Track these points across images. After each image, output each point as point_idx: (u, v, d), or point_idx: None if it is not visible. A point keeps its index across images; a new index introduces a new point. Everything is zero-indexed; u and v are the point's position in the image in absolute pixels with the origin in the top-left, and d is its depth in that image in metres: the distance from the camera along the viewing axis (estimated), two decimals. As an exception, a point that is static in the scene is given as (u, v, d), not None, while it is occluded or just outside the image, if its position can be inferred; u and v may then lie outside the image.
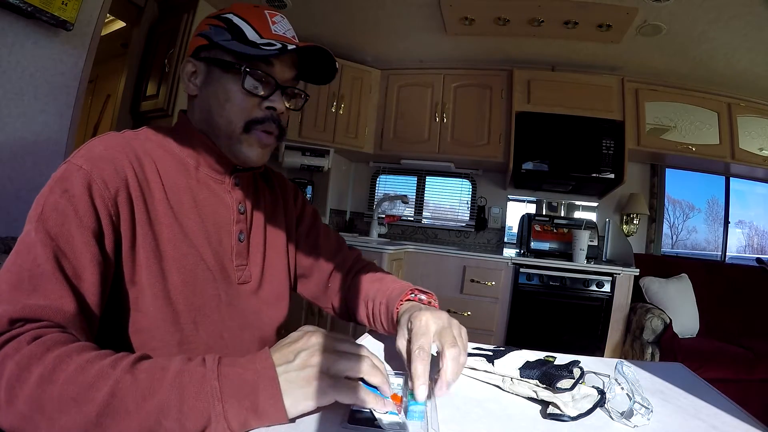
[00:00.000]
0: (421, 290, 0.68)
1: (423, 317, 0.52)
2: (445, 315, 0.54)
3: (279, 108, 0.61)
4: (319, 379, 0.40)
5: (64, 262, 0.46)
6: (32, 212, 0.48)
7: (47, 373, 0.37)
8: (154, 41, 2.40)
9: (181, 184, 0.60)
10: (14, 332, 0.40)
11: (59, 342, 0.40)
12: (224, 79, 0.59)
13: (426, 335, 0.50)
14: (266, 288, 0.68)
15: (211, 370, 0.38)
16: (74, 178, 0.49)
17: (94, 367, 0.38)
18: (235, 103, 0.59)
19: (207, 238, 0.60)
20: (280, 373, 0.40)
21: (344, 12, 2.43)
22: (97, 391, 0.36)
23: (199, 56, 0.62)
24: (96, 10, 1.50)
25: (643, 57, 2.53)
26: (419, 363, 0.46)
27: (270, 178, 0.78)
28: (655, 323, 2.17)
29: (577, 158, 2.63)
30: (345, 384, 0.41)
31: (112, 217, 0.51)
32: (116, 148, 0.54)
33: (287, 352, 0.42)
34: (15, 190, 1.35)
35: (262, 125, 0.60)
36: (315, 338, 0.44)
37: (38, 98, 1.40)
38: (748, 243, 3.23)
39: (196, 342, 0.58)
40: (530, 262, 2.41)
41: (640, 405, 0.46)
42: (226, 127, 0.60)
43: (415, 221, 3.33)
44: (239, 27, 0.59)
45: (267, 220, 0.71)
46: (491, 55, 2.78)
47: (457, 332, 0.52)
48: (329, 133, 2.85)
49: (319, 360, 0.41)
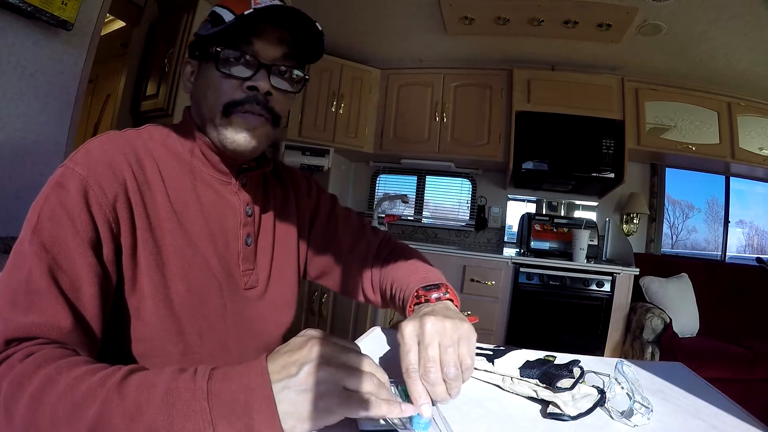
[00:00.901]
0: (431, 285, 0.60)
1: (404, 327, 0.47)
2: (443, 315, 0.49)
3: (262, 87, 0.55)
4: (327, 396, 0.36)
5: (60, 275, 0.44)
6: (28, 220, 0.47)
7: (37, 391, 0.36)
8: (154, 41, 2.40)
9: (185, 186, 0.57)
10: (9, 352, 0.40)
11: (51, 358, 0.39)
12: (206, 68, 0.57)
13: (411, 348, 0.46)
14: (273, 292, 0.66)
15: (201, 389, 0.35)
16: (70, 185, 0.47)
17: (83, 384, 0.36)
18: (214, 89, 0.56)
19: (212, 243, 0.58)
20: (278, 391, 0.36)
21: (344, 12, 2.43)
22: (87, 409, 0.35)
23: (194, 55, 0.60)
24: (96, 10, 1.50)
25: (643, 57, 2.53)
26: (410, 386, 0.43)
27: (281, 175, 0.74)
28: (655, 323, 2.17)
29: (577, 158, 2.63)
30: (357, 399, 0.37)
31: (111, 224, 0.49)
32: (115, 149, 0.52)
33: (288, 363, 0.38)
34: (15, 190, 1.35)
35: (242, 107, 0.55)
36: (320, 348, 0.39)
37: (38, 98, 1.40)
38: (748, 243, 3.23)
39: (200, 351, 0.56)
40: (530, 261, 2.41)
41: (640, 404, 0.46)
42: (209, 115, 0.57)
43: (415, 221, 3.33)
44: (218, 14, 0.57)
45: (277, 221, 0.69)
46: (491, 54, 2.78)
47: (449, 342, 0.46)
48: (329, 133, 2.85)
49: (325, 375, 0.37)
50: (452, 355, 0.45)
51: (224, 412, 0.34)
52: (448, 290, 0.60)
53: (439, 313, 0.49)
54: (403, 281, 0.65)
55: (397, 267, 0.70)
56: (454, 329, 0.47)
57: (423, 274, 0.64)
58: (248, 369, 0.37)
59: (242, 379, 0.36)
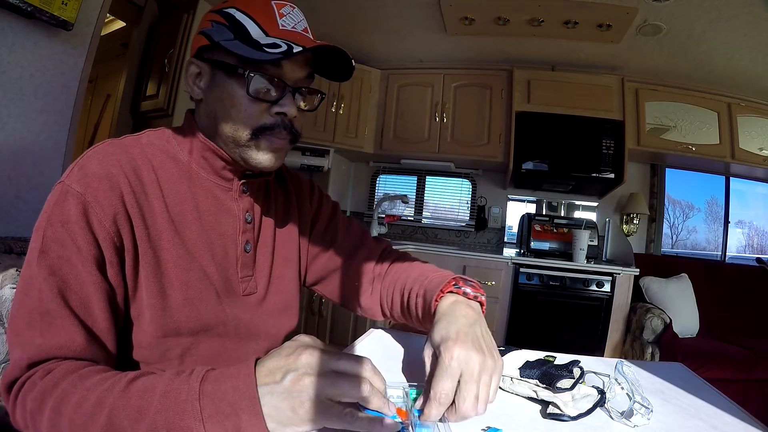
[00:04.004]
0: (466, 280, 0.57)
1: (455, 350, 0.44)
2: (485, 342, 0.47)
3: (290, 113, 0.56)
4: (308, 404, 0.37)
5: (69, 295, 0.47)
6: (33, 244, 0.48)
7: (56, 405, 0.41)
8: (154, 41, 2.40)
9: (183, 193, 0.57)
10: (30, 373, 0.44)
11: (67, 372, 0.43)
12: (228, 84, 0.54)
13: (453, 376, 0.43)
14: (272, 299, 0.65)
15: (193, 389, 0.38)
16: (70, 205, 0.48)
17: (93, 394, 0.40)
18: (241, 110, 0.54)
19: (210, 250, 0.58)
20: (263, 395, 0.37)
21: (344, 12, 2.43)
22: (98, 416, 0.39)
23: (203, 57, 0.57)
24: (96, 10, 1.50)
25: (643, 57, 2.53)
26: (430, 408, 0.42)
27: (284, 179, 0.73)
28: (655, 323, 2.17)
29: (577, 158, 2.63)
30: (337, 412, 0.38)
31: (113, 237, 0.50)
32: (111, 161, 0.51)
33: (275, 368, 0.39)
34: (15, 190, 1.35)
35: (271, 132, 0.55)
36: (306, 357, 0.40)
37: (38, 98, 1.40)
38: (748, 243, 3.23)
39: (198, 355, 0.57)
40: (530, 261, 2.41)
41: (640, 405, 0.46)
42: (233, 134, 0.55)
43: (415, 221, 3.33)
44: (242, 24, 0.54)
45: (277, 227, 0.68)
46: (491, 55, 2.78)
47: (487, 378, 0.44)
48: (329, 133, 2.85)
49: (307, 384, 0.38)
50: (487, 392, 0.44)
51: (214, 411, 0.37)
52: (479, 293, 0.57)
53: (484, 346, 0.46)
54: (421, 278, 0.63)
55: (409, 269, 0.69)
56: (494, 366, 0.45)
57: (447, 272, 0.62)
58: (237, 371, 0.39)
59: (232, 381, 0.38)
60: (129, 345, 0.54)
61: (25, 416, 0.43)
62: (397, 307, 0.68)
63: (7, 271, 0.74)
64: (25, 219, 1.36)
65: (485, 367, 0.44)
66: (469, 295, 0.55)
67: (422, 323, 0.62)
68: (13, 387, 0.45)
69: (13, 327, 0.47)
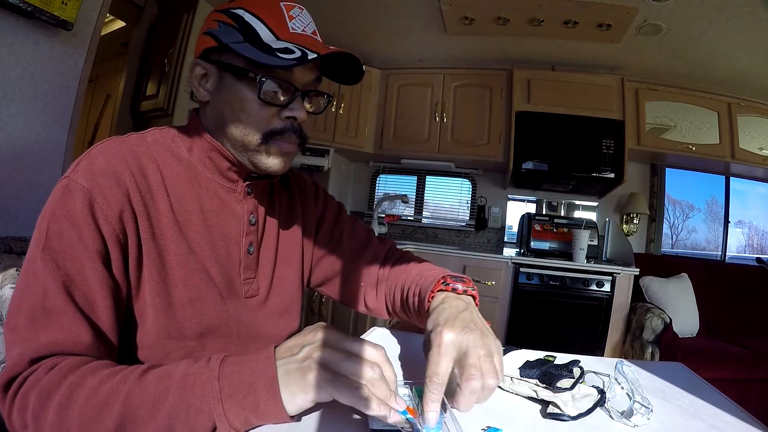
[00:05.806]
0: (456, 277, 0.59)
1: (446, 334, 0.44)
2: (477, 325, 0.47)
3: (300, 117, 0.56)
4: (317, 371, 0.39)
5: (74, 290, 0.46)
6: (36, 236, 0.47)
7: (65, 399, 0.40)
8: (154, 41, 2.40)
9: (188, 193, 0.56)
10: (33, 368, 0.43)
11: (74, 366, 0.42)
12: (238, 87, 0.54)
13: (445, 357, 0.43)
14: (274, 300, 0.65)
15: (213, 370, 0.39)
16: (75, 199, 0.47)
17: (106, 385, 0.40)
18: (251, 114, 0.54)
19: (213, 251, 0.57)
20: (280, 366, 0.40)
21: (344, 11, 2.43)
22: (112, 407, 0.38)
23: (209, 58, 0.56)
24: (96, 10, 1.50)
25: (643, 57, 2.53)
26: (428, 393, 0.41)
27: (289, 181, 0.73)
28: (655, 323, 2.17)
29: (577, 158, 2.63)
30: (344, 382, 0.39)
31: (118, 234, 0.49)
32: (117, 158, 0.51)
33: (293, 345, 0.42)
34: (15, 190, 1.35)
35: (281, 136, 0.55)
36: (324, 333, 0.43)
37: (38, 98, 1.39)
38: (748, 243, 3.23)
39: (202, 357, 0.57)
40: (530, 261, 2.41)
41: (640, 404, 0.46)
42: (242, 138, 0.55)
43: (415, 221, 3.33)
44: (252, 26, 0.53)
45: (281, 229, 0.68)
46: (491, 54, 2.78)
47: (486, 351, 0.44)
48: (329, 133, 2.85)
49: (320, 354, 0.40)
50: (492, 365, 0.44)
51: (232, 391, 0.38)
52: (468, 287, 0.58)
53: (477, 327, 0.47)
54: (417, 277, 0.64)
55: (408, 269, 0.69)
56: (493, 343, 0.46)
57: (440, 270, 0.64)
58: (258, 355, 0.41)
59: (251, 364, 0.40)
60: (132, 346, 0.53)
61: (24, 416, 0.41)
62: (399, 306, 0.69)
63: (7, 270, 0.74)
64: (25, 219, 1.36)
65: (484, 343, 0.45)
66: (458, 291, 0.56)
67: (421, 321, 0.62)
68: (11, 385, 0.43)
69: (12, 323, 0.45)
